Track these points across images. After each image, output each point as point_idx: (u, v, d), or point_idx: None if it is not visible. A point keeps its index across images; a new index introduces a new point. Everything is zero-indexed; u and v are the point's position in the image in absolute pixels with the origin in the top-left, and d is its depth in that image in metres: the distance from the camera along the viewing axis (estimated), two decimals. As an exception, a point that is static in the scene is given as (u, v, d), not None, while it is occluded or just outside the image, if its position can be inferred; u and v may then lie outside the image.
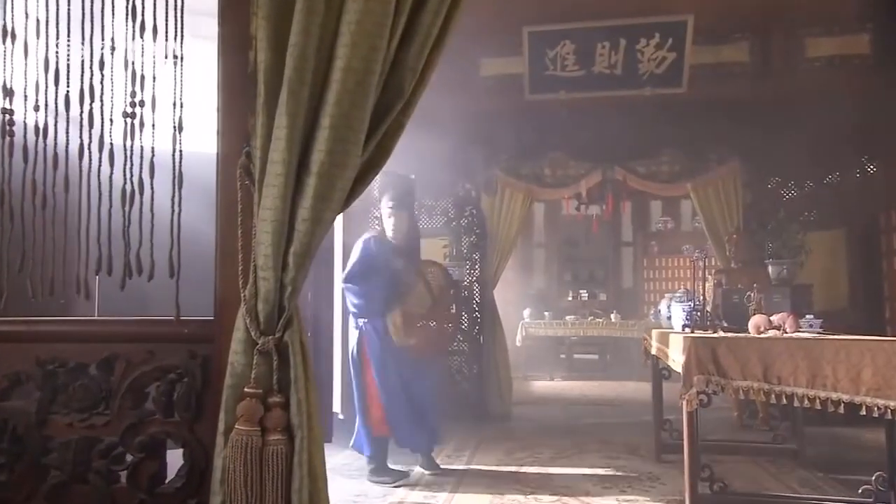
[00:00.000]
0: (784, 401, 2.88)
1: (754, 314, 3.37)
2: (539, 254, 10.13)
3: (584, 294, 10.26)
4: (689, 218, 9.30)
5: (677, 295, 4.19)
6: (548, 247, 10.09)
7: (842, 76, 5.64)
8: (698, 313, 3.83)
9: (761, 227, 5.68)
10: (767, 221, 5.63)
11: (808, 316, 3.41)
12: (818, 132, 5.68)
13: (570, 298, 10.18)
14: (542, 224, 10.08)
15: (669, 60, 5.73)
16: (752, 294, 3.47)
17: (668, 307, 4.25)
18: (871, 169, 5.65)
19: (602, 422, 5.75)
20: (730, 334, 3.18)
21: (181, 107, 1.41)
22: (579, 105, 6.04)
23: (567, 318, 8.60)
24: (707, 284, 4.48)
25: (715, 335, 3.15)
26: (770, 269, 5.47)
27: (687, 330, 3.76)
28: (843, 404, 2.81)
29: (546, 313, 8.62)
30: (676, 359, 3.24)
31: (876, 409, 2.79)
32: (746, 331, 3.37)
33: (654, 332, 4.13)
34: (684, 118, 5.95)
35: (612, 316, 8.58)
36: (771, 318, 3.21)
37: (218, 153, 1.39)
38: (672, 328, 4.03)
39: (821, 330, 3.37)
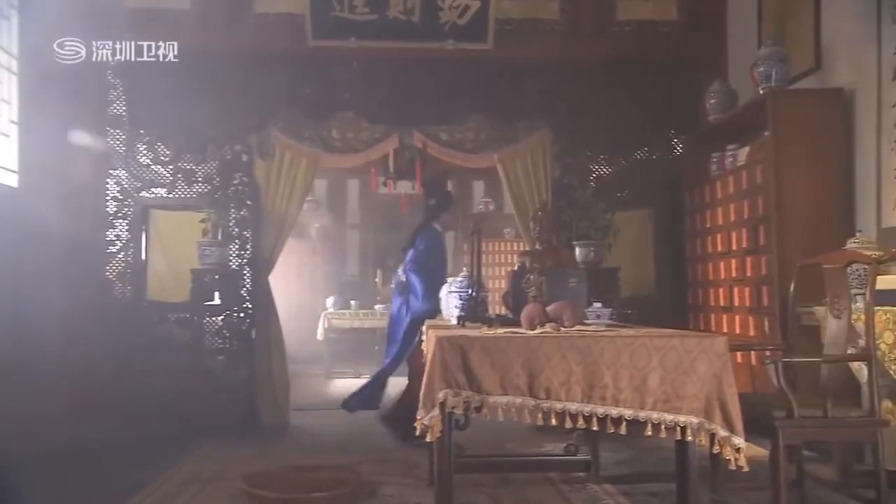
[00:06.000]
0: (554, 421, 2.16)
1: (534, 302, 2.64)
2: (353, 236, 9.20)
3: (410, 280, 9.50)
4: (511, 199, 8.80)
5: (458, 280, 3.41)
6: (362, 228, 9.18)
7: (651, 44, 5.23)
8: (475, 302, 3.09)
9: (569, 205, 5.15)
10: (575, 198, 5.10)
11: (595, 304, 2.75)
12: (629, 103, 5.27)
13: (392, 285, 9.36)
14: (356, 203, 9.15)
15: (473, 10, 4.98)
16: (532, 276, 2.74)
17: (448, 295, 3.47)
18: (678, 145, 5.30)
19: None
20: (492, 332, 2.41)
21: None
22: (373, 56, 5.14)
23: (377, 307, 7.73)
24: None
25: (473, 333, 2.36)
26: (577, 250, 4.96)
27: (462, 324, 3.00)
28: (625, 422, 2.14)
29: (353, 302, 7.69)
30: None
31: (664, 426, 2.14)
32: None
33: (425, 326, 3.33)
34: (491, 79, 5.27)
35: (426, 304, 7.84)
36: (548, 308, 2.49)
37: None
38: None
39: (611, 322, 2.73)
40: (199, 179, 5.07)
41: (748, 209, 4.19)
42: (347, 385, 7.11)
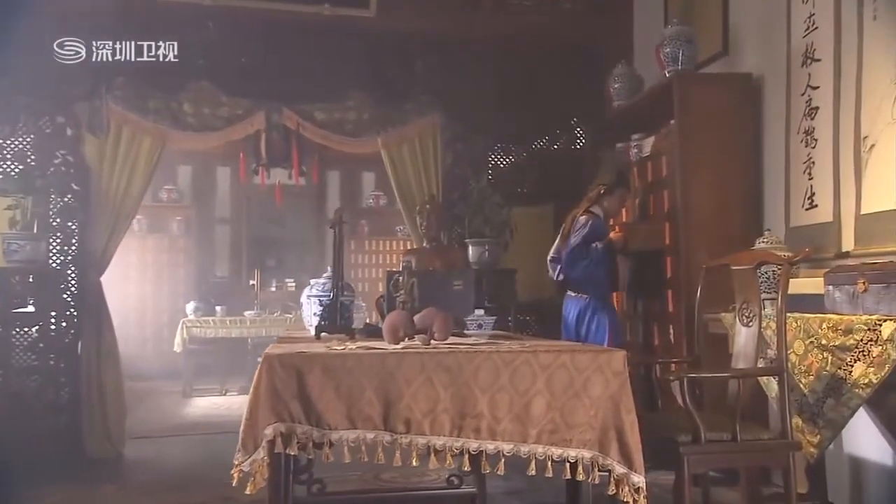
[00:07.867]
0: (415, 461, 1.82)
1: (398, 310, 2.29)
2: (223, 231, 8.55)
3: (292, 283, 8.99)
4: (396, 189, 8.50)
5: (321, 281, 3.03)
6: (234, 222, 8.55)
7: (553, 22, 5.06)
8: (337, 308, 2.71)
9: (462, 199, 4.87)
10: (468, 191, 4.83)
11: (477, 311, 2.45)
12: (529, 87, 5.08)
13: (273, 289, 8.82)
14: (227, 193, 8.51)
15: (353, -30, 4.62)
16: (401, 277, 2.39)
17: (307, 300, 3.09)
18: (582, 134, 5.16)
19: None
20: (342, 347, 2.04)
21: None
22: (234, 18, 4.67)
23: (247, 313, 7.16)
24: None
25: (315, 349, 1.98)
26: (470, 249, 4.70)
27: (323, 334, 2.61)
28: (503, 459, 1.84)
29: (218, 308, 7.07)
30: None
31: (549, 462, 1.86)
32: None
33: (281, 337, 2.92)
34: (376, 53, 4.91)
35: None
36: (416, 316, 2.15)
37: None
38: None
39: (495, 333, 2.43)
40: (8, 157, 4.38)
41: (653, 205, 4.06)
42: (209, 404, 6.53)
